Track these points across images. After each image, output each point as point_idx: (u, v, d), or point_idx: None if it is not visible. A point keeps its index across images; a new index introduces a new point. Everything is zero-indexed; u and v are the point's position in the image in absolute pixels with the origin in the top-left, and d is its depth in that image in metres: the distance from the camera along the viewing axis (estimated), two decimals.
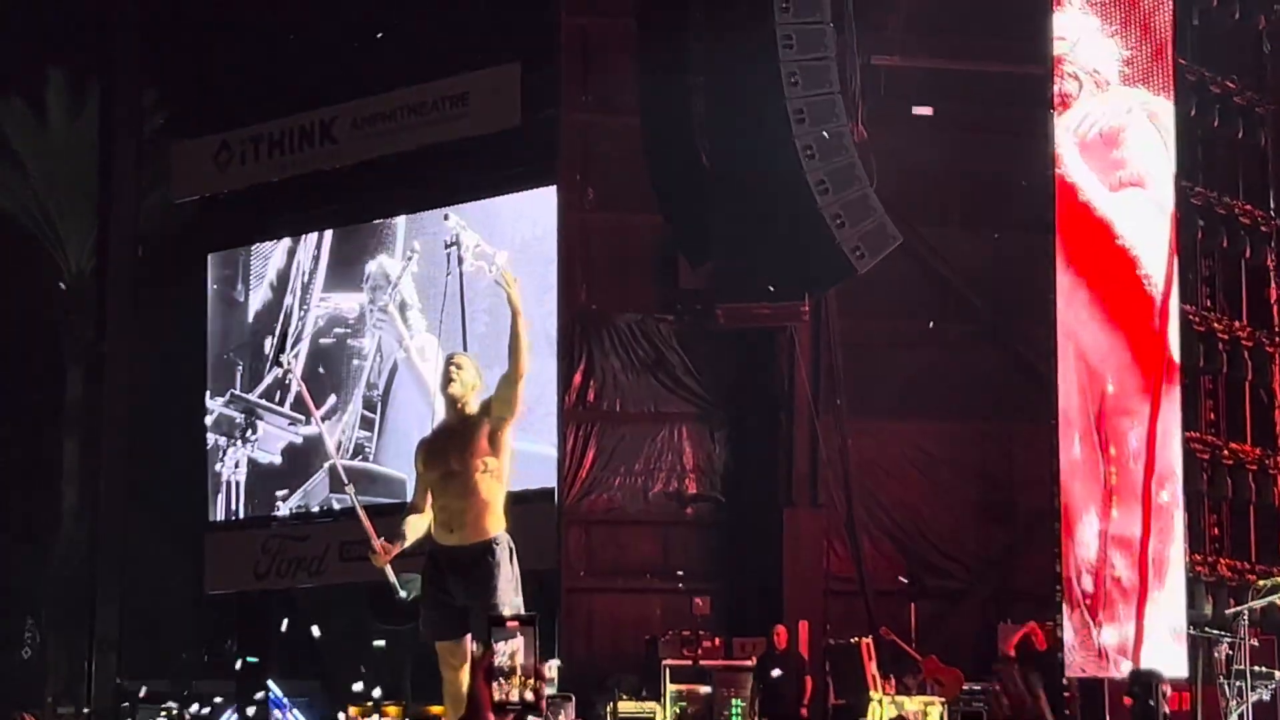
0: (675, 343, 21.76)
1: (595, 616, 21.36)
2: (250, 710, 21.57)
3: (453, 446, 9.67)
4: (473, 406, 9.74)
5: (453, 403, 9.77)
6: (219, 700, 22.18)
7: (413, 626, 9.89)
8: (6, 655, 25.98)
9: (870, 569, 21.21)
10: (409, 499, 9.97)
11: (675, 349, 21.75)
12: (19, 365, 26.30)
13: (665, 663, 19.34)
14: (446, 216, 22.77)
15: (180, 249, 24.97)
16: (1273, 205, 17.54)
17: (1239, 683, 15.11)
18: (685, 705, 19.20)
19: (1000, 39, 20.00)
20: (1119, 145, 16.96)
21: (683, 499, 21.68)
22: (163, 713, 22.44)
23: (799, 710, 18.61)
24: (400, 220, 23.52)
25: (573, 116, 21.76)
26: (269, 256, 24.54)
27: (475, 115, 22.21)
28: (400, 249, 23.42)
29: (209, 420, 24.58)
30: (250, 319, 24.63)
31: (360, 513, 9.80)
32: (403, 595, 9.74)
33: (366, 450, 23.23)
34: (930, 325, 21.67)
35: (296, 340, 23.77)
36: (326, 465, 23.13)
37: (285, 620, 22.25)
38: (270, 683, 22.21)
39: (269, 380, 24.23)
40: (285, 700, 22.05)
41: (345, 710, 20.41)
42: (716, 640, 19.72)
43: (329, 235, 24.13)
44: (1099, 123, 17.05)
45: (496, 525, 9.67)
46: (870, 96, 20.42)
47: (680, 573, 21.10)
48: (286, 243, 24.41)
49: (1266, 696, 15.25)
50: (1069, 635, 16.73)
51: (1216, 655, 15.44)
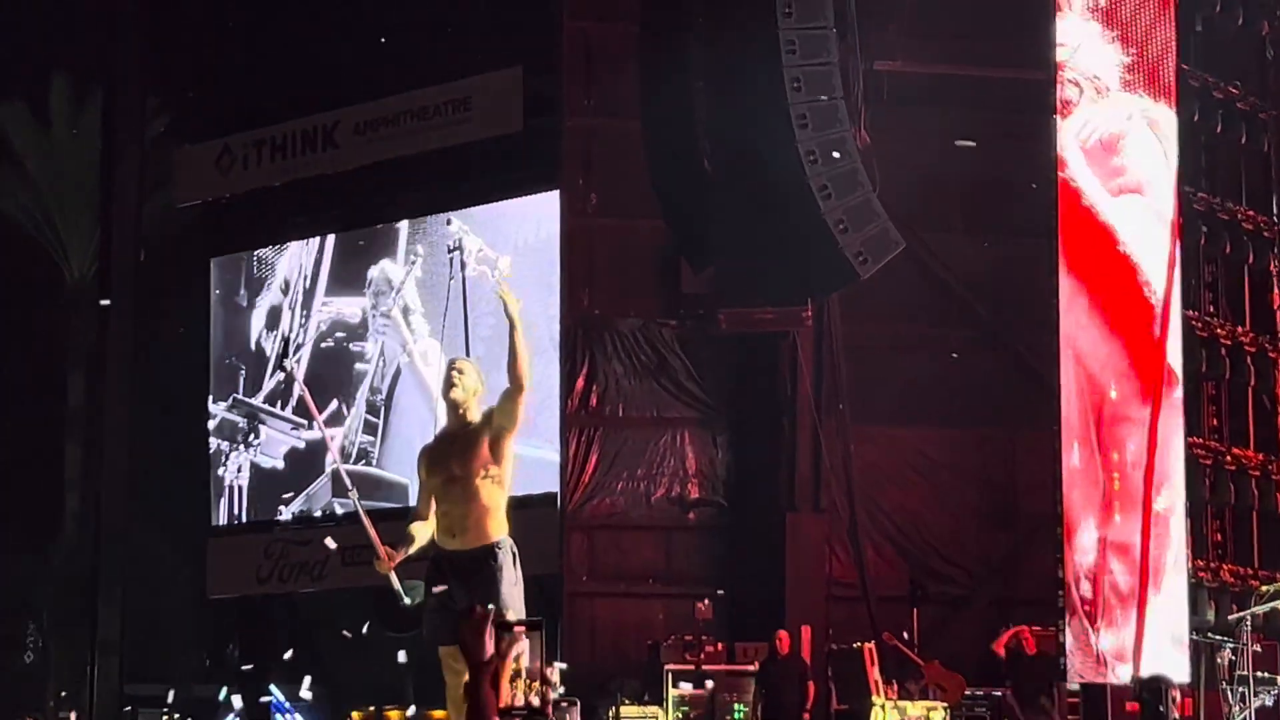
0: (678, 347, 21.76)
1: (598, 621, 21.35)
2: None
3: (454, 452, 9.67)
4: (474, 412, 9.74)
5: (454, 408, 9.76)
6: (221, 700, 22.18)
7: (416, 633, 9.89)
8: (9, 659, 25.98)
9: (872, 574, 21.21)
10: (411, 503, 9.97)
11: (678, 354, 21.75)
12: (21, 369, 26.30)
13: (667, 667, 19.31)
14: (449, 221, 22.79)
15: (182, 253, 24.98)
16: (1276, 210, 17.53)
17: (1242, 688, 15.13)
18: (687, 710, 19.18)
19: (1003, 44, 19.96)
20: (1118, 152, 16.96)
21: (685, 504, 21.67)
22: (164, 717, 22.43)
23: (801, 715, 18.59)
24: (403, 225, 23.52)
25: (575, 121, 21.77)
26: (272, 261, 24.55)
27: (478, 120, 22.24)
28: (403, 253, 23.42)
29: (211, 425, 24.59)
30: (253, 323, 24.62)
31: (365, 519, 9.80)
32: (407, 601, 9.75)
33: (369, 455, 23.23)
34: (931, 330, 21.69)
35: (299, 345, 23.77)
36: (329, 470, 23.13)
37: (288, 629, 22.23)
38: (272, 686, 22.20)
39: (271, 385, 24.23)
40: (287, 704, 22.03)
41: (348, 715, 20.41)
42: (719, 645, 19.71)
43: (331, 240, 24.14)
44: (1099, 129, 17.05)
45: (499, 530, 9.67)
46: (873, 102, 20.43)
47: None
48: (289, 247, 24.42)
49: (1269, 702, 15.26)
50: (1069, 641, 16.73)
51: (1219, 661, 15.45)
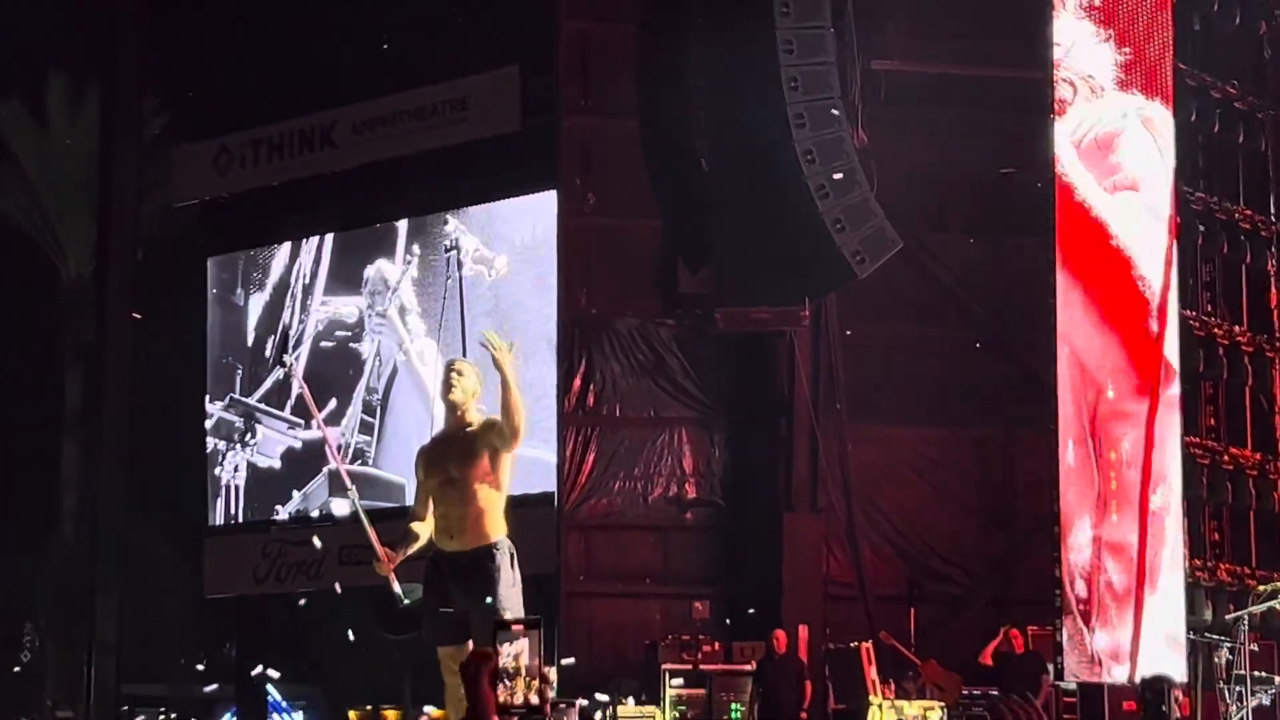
0: (675, 347, 21.74)
1: (595, 621, 21.32)
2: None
3: (452, 454, 9.68)
4: (473, 413, 9.74)
5: (453, 409, 9.77)
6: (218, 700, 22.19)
7: (416, 635, 9.88)
8: (6, 658, 25.95)
9: (870, 574, 21.20)
10: (408, 503, 9.97)
11: (675, 353, 21.73)
12: (18, 368, 26.27)
13: (665, 667, 19.31)
14: (446, 221, 22.79)
15: (180, 253, 24.94)
16: (1273, 210, 17.54)
17: (1239, 688, 15.12)
18: (685, 709, 19.18)
19: (999, 43, 19.97)
20: (1114, 150, 16.96)
21: (682, 503, 21.66)
22: (160, 716, 22.43)
23: (798, 715, 18.58)
24: (400, 224, 23.49)
25: (572, 121, 21.74)
26: (269, 260, 24.53)
27: (475, 119, 22.19)
28: (400, 253, 23.40)
29: (208, 424, 24.56)
30: (250, 323, 24.60)
31: (364, 519, 9.81)
32: (406, 603, 9.75)
33: (366, 454, 23.21)
34: (928, 330, 21.70)
35: (297, 344, 23.75)
36: (326, 469, 23.12)
37: (285, 625, 22.23)
38: (269, 686, 22.20)
39: (270, 382, 24.20)
40: (284, 704, 22.03)
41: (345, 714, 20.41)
42: (716, 644, 19.70)
43: (329, 239, 24.11)
44: (1094, 128, 17.05)
45: (497, 530, 9.67)
46: (870, 101, 20.44)
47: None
48: (286, 247, 24.38)
49: (1266, 701, 15.26)
50: (1065, 640, 16.74)
51: (1216, 660, 15.43)
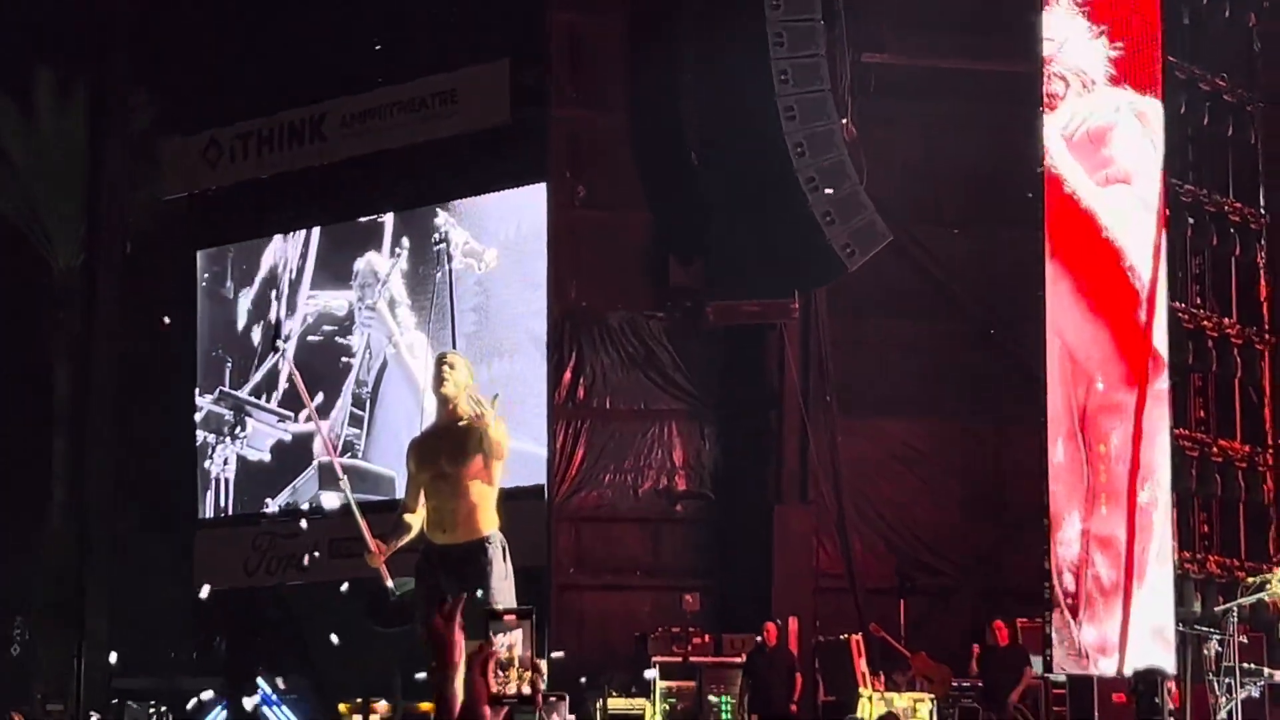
0: (665, 340, 21.72)
1: (585, 613, 21.33)
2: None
3: (444, 448, 9.67)
4: (464, 407, 9.73)
5: (445, 403, 9.76)
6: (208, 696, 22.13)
7: (407, 628, 9.86)
8: None
9: (859, 566, 21.20)
10: (397, 496, 9.96)
11: (665, 346, 21.72)
12: (7, 362, 26.20)
13: (655, 659, 19.32)
14: (436, 214, 22.77)
15: (169, 246, 24.89)
16: (1263, 202, 17.57)
17: (1228, 680, 15.15)
18: (674, 702, 19.19)
19: (990, 37, 19.95)
20: (1106, 144, 16.96)
21: (672, 496, 21.65)
22: (151, 710, 22.36)
23: (788, 707, 18.56)
24: (389, 217, 23.49)
25: (562, 113, 21.73)
26: (258, 253, 24.50)
27: (464, 112, 22.19)
28: (389, 246, 23.39)
29: (198, 417, 24.55)
30: (239, 316, 24.59)
31: (355, 511, 9.79)
32: (397, 596, 9.74)
33: (356, 447, 23.21)
34: (918, 323, 21.67)
35: (286, 337, 23.72)
36: (316, 462, 23.10)
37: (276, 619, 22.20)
38: (260, 680, 22.16)
39: (260, 375, 24.19)
40: (275, 697, 21.99)
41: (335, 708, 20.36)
42: (706, 637, 19.71)
43: (317, 232, 24.10)
44: (1086, 122, 17.05)
45: (489, 524, 9.66)
46: (860, 94, 20.44)
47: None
48: (276, 239, 24.37)
49: (1255, 693, 15.28)
50: (1053, 633, 16.75)
51: (1206, 652, 15.46)
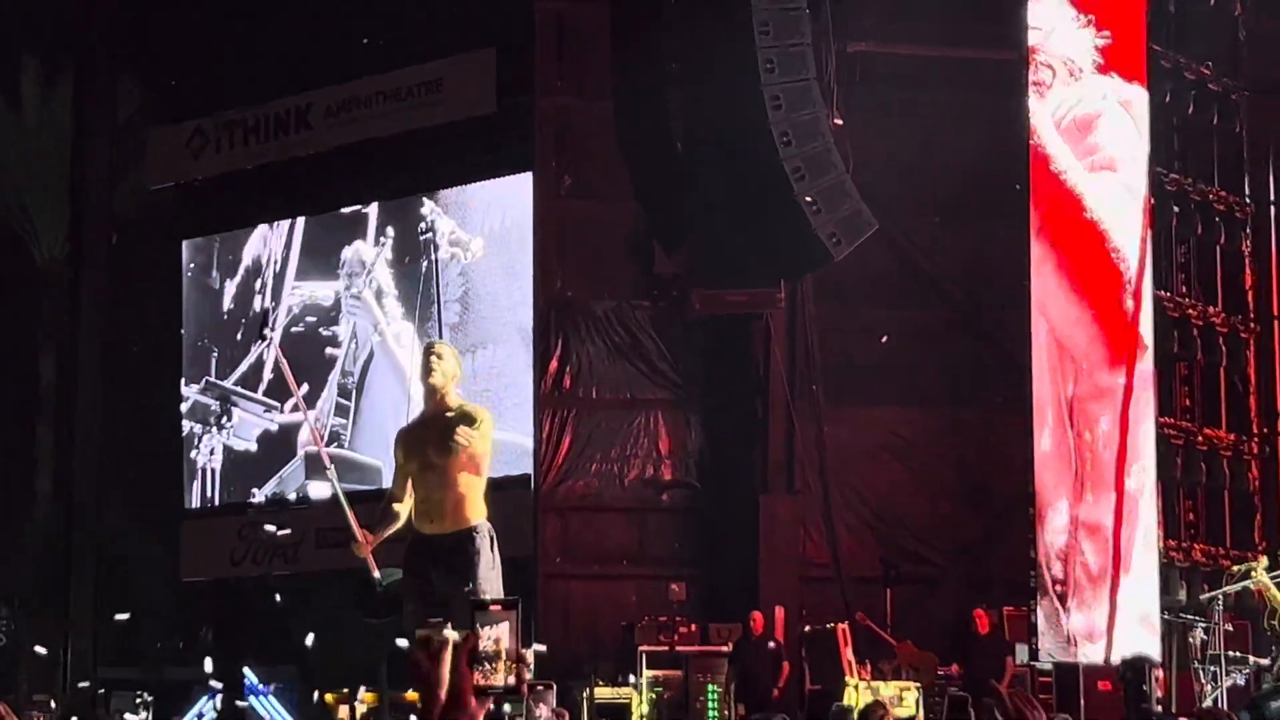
0: (651, 329, 21.70)
1: (571, 603, 21.33)
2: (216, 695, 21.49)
3: (431, 439, 9.66)
4: (452, 397, 9.73)
5: (433, 393, 9.75)
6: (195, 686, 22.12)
7: (396, 619, 9.85)
8: None
9: (846, 555, 21.21)
10: (384, 485, 9.96)
11: (651, 335, 21.70)
12: None
13: (641, 648, 19.33)
14: (423, 203, 22.75)
15: (155, 235, 24.87)
16: (1248, 191, 17.60)
17: (1213, 667, 15.21)
18: (661, 691, 19.20)
19: (976, 25, 19.95)
20: (1092, 131, 16.98)
21: (659, 485, 21.65)
22: (137, 699, 22.34)
23: (774, 696, 18.62)
24: (374, 207, 23.46)
25: (548, 103, 21.70)
26: (244, 243, 24.47)
27: (450, 101, 22.17)
28: (374, 235, 23.36)
29: (184, 407, 24.52)
30: (225, 305, 24.56)
31: (343, 501, 9.79)
32: (384, 586, 9.73)
33: (342, 437, 23.18)
34: (904, 311, 21.69)
35: (273, 325, 23.69)
36: (303, 452, 23.07)
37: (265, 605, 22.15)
38: (246, 669, 22.14)
39: (246, 365, 24.16)
40: (261, 686, 21.98)
41: (322, 697, 20.34)
42: (693, 626, 19.72)
43: (302, 222, 24.06)
44: (1073, 110, 17.07)
45: (477, 514, 9.67)
46: (846, 82, 20.43)
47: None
48: (261, 229, 24.33)
49: (1240, 681, 15.35)
50: (1040, 621, 16.79)
51: (1191, 640, 15.52)
